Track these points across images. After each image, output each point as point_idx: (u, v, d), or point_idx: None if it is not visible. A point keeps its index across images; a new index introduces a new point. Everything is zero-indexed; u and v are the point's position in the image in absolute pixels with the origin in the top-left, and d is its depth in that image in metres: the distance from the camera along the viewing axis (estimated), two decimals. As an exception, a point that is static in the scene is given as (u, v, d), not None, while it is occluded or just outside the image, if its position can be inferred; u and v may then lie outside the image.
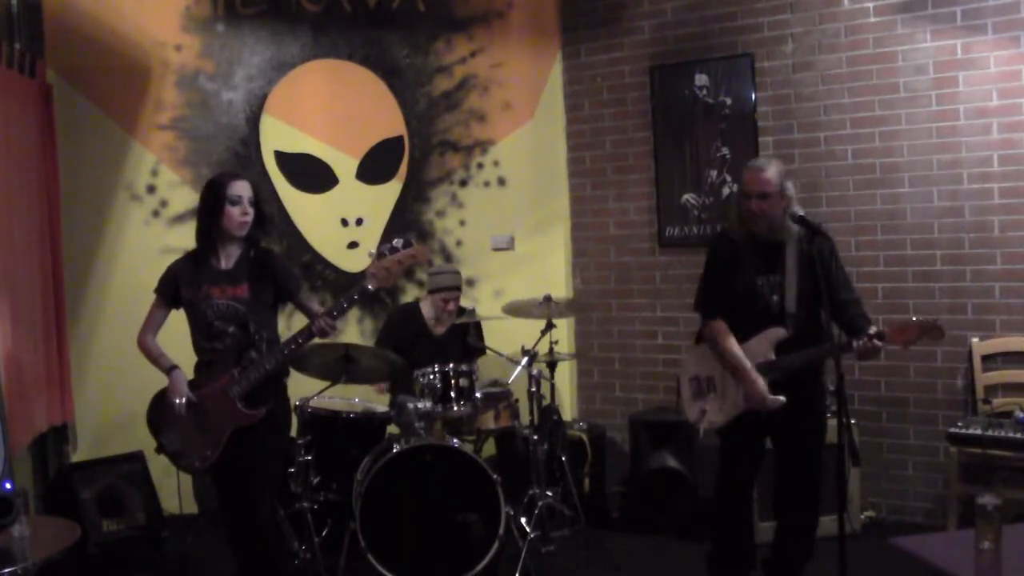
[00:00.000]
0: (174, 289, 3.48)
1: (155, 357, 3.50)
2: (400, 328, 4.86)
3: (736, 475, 3.72)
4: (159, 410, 3.49)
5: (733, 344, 3.53)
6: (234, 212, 3.38)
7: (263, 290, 3.46)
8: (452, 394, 4.20)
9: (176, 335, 3.56)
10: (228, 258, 3.46)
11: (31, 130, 4.59)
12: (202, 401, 3.40)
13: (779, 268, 3.47)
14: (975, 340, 4.51)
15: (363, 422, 4.47)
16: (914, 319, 3.33)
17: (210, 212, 3.40)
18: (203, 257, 3.45)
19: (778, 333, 3.48)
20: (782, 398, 3.43)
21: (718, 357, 3.59)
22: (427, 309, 4.86)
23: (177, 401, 3.39)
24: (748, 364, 3.48)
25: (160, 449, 3.51)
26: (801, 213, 3.46)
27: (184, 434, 3.43)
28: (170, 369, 3.45)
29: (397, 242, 3.36)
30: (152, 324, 3.52)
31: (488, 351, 4.82)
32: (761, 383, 3.45)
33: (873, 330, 3.32)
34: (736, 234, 3.57)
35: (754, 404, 3.48)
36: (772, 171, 3.45)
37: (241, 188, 3.41)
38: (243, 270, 3.44)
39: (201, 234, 3.45)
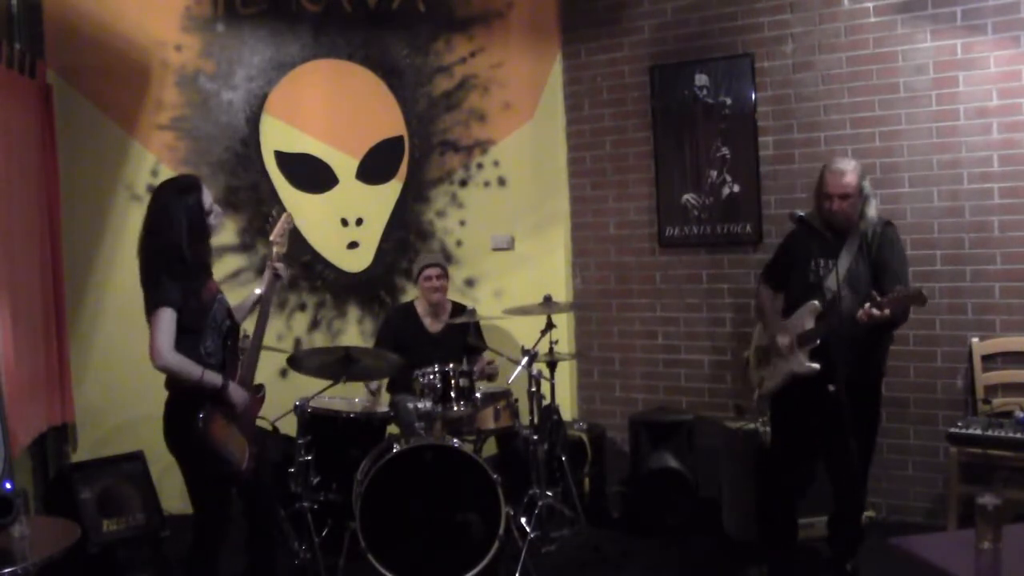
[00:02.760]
0: (185, 296, 3.22)
1: (198, 375, 3.16)
2: (397, 327, 4.89)
3: (783, 445, 3.93)
4: (211, 433, 3.20)
5: (763, 301, 4.01)
6: (217, 209, 3.37)
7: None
8: (452, 394, 4.20)
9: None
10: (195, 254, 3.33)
11: (31, 130, 4.59)
12: None
13: (838, 253, 3.71)
14: (975, 340, 4.51)
15: (363, 422, 4.48)
16: (899, 288, 3.47)
17: (205, 212, 3.29)
18: (193, 261, 3.25)
19: (814, 306, 3.70)
20: (816, 365, 3.65)
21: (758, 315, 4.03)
22: (421, 306, 4.89)
23: (245, 406, 3.31)
24: (769, 315, 3.93)
25: (225, 473, 3.25)
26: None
27: (236, 443, 3.28)
28: (225, 384, 3.22)
29: (271, 218, 3.68)
30: (172, 337, 3.15)
31: (488, 351, 4.83)
32: (783, 321, 3.82)
33: (872, 298, 3.46)
34: (812, 222, 3.77)
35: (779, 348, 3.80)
36: (853, 175, 3.69)
37: None
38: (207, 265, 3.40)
39: (205, 239, 3.30)
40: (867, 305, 3.43)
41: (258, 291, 3.60)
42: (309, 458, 4.12)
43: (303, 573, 4.08)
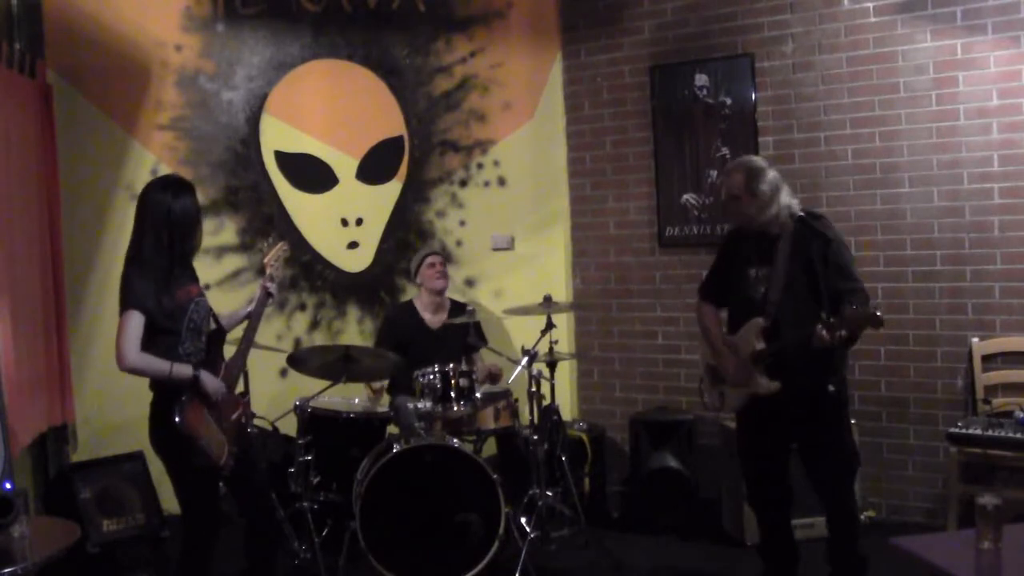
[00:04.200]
0: (158, 298, 3.21)
1: (167, 370, 3.16)
2: (398, 325, 4.91)
3: (754, 465, 3.77)
4: (188, 421, 3.18)
5: (706, 324, 3.79)
6: (201, 215, 3.38)
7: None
8: (452, 394, 4.20)
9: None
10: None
11: (31, 130, 4.59)
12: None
13: (772, 259, 3.53)
14: (975, 340, 4.51)
15: (363, 422, 4.48)
16: (854, 307, 3.27)
17: (197, 215, 3.31)
18: (171, 264, 3.26)
19: (758, 323, 3.53)
20: (777, 383, 3.48)
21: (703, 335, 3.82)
22: (421, 302, 4.91)
23: (221, 397, 3.29)
24: (716, 338, 3.71)
25: (202, 465, 3.23)
26: (801, 213, 3.54)
27: (213, 437, 3.27)
28: (196, 374, 3.21)
29: (267, 243, 3.74)
30: (138, 340, 3.16)
31: (488, 350, 4.84)
32: (729, 358, 3.62)
33: (825, 321, 3.25)
34: (738, 228, 3.67)
35: (734, 379, 3.62)
36: (738, 174, 3.58)
37: None
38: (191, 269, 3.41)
39: (188, 241, 3.30)
40: (819, 329, 3.23)
41: (248, 308, 3.61)
42: (309, 458, 4.12)
43: (303, 573, 4.08)
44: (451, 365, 4.23)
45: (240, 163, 5.28)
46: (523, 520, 4.24)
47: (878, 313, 3.19)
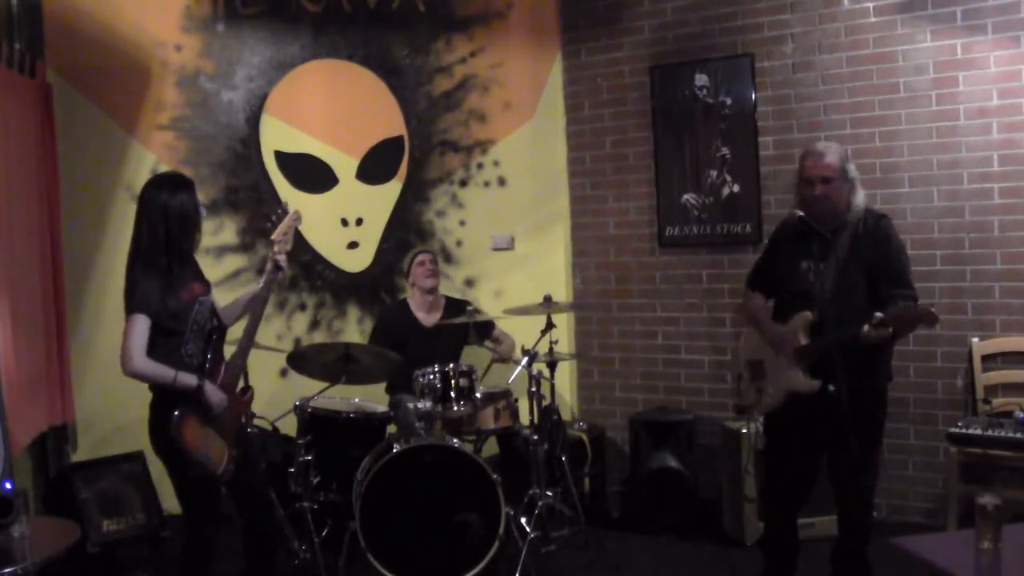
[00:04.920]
0: (163, 299, 3.20)
1: (171, 377, 3.15)
2: (392, 324, 4.92)
3: (783, 465, 3.65)
4: (184, 434, 3.16)
5: (756, 311, 3.69)
6: (203, 211, 3.36)
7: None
8: (452, 394, 4.20)
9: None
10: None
11: (31, 130, 4.59)
12: None
13: (829, 254, 3.43)
14: (975, 340, 4.51)
15: (363, 422, 4.47)
16: (907, 305, 3.23)
17: (195, 212, 3.29)
18: (171, 262, 3.25)
19: (805, 317, 3.43)
20: (817, 382, 3.38)
21: (750, 325, 3.74)
22: (415, 301, 4.93)
23: (223, 410, 3.25)
24: (766, 325, 3.60)
25: (200, 475, 3.21)
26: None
27: (213, 446, 3.25)
28: (200, 384, 3.19)
29: (276, 214, 3.54)
30: (144, 344, 3.15)
31: (488, 349, 4.84)
32: (779, 330, 3.52)
33: (876, 317, 3.18)
34: (794, 218, 3.53)
35: (787, 352, 3.48)
36: (833, 156, 3.44)
37: None
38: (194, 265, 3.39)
39: (186, 238, 3.28)
40: (865, 329, 3.15)
41: (253, 291, 3.52)
42: (309, 458, 4.12)
43: (303, 573, 4.08)
44: (451, 365, 4.24)
45: (240, 163, 5.28)
46: (523, 520, 4.24)
47: (932, 309, 3.10)
